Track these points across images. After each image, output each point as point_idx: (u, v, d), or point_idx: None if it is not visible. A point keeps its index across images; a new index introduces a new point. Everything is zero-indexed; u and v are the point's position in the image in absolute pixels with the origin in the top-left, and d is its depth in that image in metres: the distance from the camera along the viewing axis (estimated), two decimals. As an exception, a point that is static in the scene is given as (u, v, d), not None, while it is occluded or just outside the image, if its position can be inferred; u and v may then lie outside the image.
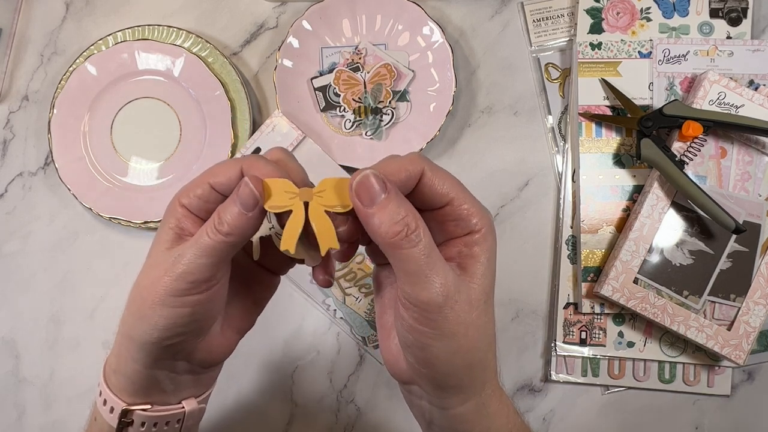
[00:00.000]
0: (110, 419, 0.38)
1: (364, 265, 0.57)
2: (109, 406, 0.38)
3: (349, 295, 0.57)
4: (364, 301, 0.57)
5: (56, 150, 0.58)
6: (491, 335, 0.34)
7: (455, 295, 0.31)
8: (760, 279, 0.54)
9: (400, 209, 0.30)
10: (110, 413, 0.38)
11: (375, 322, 0.39)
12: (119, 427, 0.38)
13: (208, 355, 0.38)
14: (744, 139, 0.56)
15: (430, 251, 0.31)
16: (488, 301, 0.33)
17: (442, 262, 0.31)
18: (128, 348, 0.36)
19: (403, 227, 0.30)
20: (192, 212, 0.35)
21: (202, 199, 0.34)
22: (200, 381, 0.40)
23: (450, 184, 0.33)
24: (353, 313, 0.57)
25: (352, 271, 0.57)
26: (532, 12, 0.61)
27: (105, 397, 0.38)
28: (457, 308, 0.31)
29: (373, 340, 0.58)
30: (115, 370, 0.38)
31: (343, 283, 0.57)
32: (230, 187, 0.33)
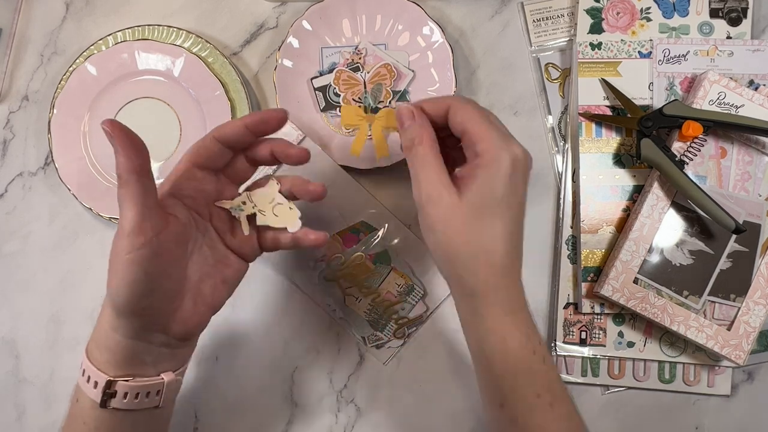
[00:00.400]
0: (94, 394, 0.41)
1: (364, 266, 0.57)
2: (93, 381, 0.41)
3: (349, 295, 0.57)
4: (364, 301, 0.57)
5: (56, 150, 0.58)
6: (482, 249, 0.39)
7: (437, 198, 0.39)
8: (760, 279, 0.54)
9: (415, 130, 0.41)
10: (94, 388, 0.41)
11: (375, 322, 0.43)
12: (103, 399, 0.40)
13: (183, 327, 0.42)
14: (744, 139, 0.56)
15: (425, 161, 0.40)
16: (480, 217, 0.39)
17: (436, 172, 0.40)
18: (108, 318, 0.40)
19: (411, 142, 0.41)
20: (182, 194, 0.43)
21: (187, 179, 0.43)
22: (176, 355, 0.44)
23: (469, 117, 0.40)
24: (353, 313, 0.57)
25: (353, 271, 0.57)
26: (532, 12, 0.61)
27: (89, 373, 0.41)
28: (438, 210, 0.39)
29: (373, 340, 0.58)
30: (98, 345, 0.41)
31: (343, 283, 0.57)
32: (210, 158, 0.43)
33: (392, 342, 0.58)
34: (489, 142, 0.39)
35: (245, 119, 0.43)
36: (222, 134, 0.42)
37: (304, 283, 0.58)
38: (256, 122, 0.43)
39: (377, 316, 0.57)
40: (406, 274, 0.57)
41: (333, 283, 0.57)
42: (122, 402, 0.41)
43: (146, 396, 0.42)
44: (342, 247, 0.57)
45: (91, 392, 0.41)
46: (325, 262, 0.57)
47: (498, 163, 0.39)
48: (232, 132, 0.43)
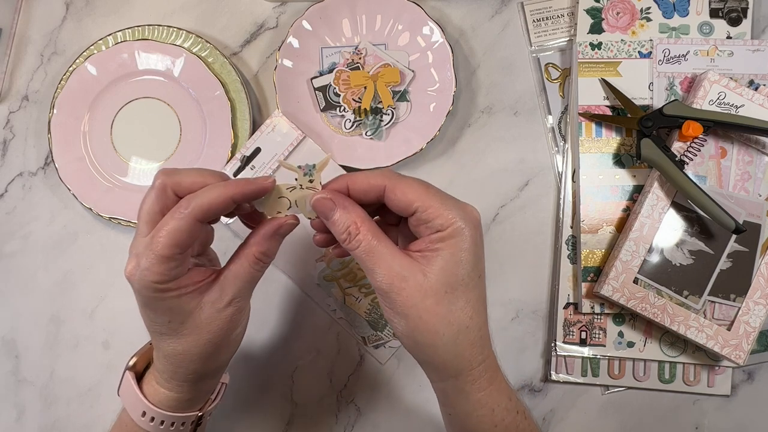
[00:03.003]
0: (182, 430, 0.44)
1: None
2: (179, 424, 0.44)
3: (349, 295, 0.57)
4: (364, 301, 0.57)
5: (56, 150, 0.58)
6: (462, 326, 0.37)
7: (400, 282, 0.36)
8: (760, 279, 0.54)
9: (346, 219, 0.37)
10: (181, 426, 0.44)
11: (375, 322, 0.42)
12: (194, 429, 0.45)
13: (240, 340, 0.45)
14: (744, 139, 0.56)
15: (371, 249, 0.37)
16: (452, 293, 0.37)
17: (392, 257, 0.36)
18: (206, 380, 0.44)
19: (347, 234, 0.37)
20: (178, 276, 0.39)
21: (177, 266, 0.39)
22: None
23: (414, 193, 0.37)
24: (353, 313, 0.57)
25: (353, 271, 0.57)
26: (532, 12, 0.61)
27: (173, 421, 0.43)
28: (404, 294, 0.36)
29: (373, 340, 0.58)
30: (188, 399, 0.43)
31: (343, 283, 0.57)
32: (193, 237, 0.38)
33: (392, 342, 0.58)
34: (447, 217, 0.36)
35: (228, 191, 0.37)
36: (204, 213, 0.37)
37: (304, 282, 0.58)
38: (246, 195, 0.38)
39: (377, 316, 0.57)
40: None
41: (333, 283, 0.57)
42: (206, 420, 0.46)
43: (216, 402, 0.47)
44: None
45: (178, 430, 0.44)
46: (325, 262, 0.57)
47: (461, 236, 0.36)
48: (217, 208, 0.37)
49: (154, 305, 0.38)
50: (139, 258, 0.37)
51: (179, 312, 0.38)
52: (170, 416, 0.42)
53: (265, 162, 0.57)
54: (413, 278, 0.36)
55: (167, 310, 0.38)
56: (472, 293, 0.37)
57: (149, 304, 0.38)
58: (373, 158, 0.58)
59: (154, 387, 0.43)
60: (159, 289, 0.37)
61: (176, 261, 0.37)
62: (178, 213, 0.36)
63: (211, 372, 0.43)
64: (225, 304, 0.39)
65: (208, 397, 0.46)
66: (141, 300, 0.38)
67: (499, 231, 0.59)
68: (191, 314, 0.39)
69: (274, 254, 0.40)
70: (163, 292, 0.37)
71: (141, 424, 0.43)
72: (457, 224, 0.36)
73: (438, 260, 0.36)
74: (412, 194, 0.37)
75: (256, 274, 0.40)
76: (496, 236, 0.59)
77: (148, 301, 0.38)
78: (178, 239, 0.36)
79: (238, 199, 0.38)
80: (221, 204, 0.37)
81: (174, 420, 0.43)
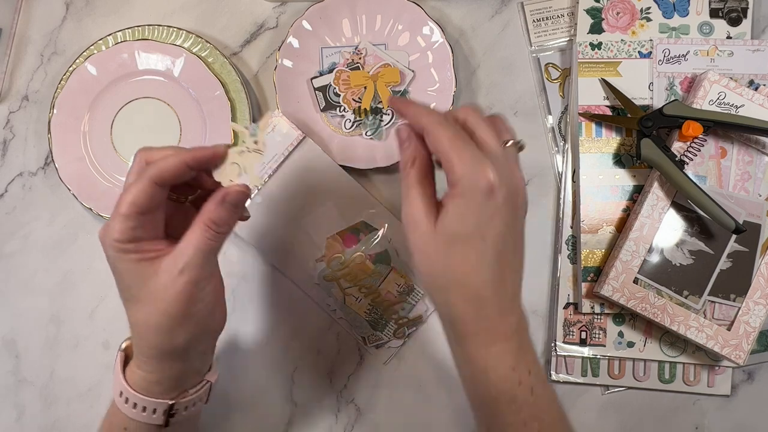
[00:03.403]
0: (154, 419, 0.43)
1: (364, 266, 0.57)
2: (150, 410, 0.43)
3: (349, 295, 0.57)
4: (364, 301, 0.57)
5: (56, 150, 0.58)
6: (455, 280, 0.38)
7: (415, 224, 0.39)
8: (760, 279, 0.54)
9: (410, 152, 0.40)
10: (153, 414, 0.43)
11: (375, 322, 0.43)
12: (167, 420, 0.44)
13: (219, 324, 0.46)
14: (744, 139, 0.56)
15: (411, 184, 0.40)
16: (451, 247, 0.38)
17: (420, 196, 0.39)
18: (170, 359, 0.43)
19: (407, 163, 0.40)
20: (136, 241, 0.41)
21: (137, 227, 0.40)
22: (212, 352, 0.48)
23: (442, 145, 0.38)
24: (353, 313, 0.57)
25: (353, 271, 0.57)
26: (532, 12, 0.61)
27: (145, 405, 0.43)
28: (416, 235, 0.39)
29: (374, 340, 0.58)
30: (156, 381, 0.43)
31: (343, 283, 0.57)
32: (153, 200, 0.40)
33: (392, 342, 0.58)
34: (460, 171, 0.37)
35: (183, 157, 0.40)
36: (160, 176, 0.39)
37: (304, 283, 0.58)
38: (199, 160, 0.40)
39: (377, 316, 0.57)
40: (407, 274, 0.57)
41: (333, 283, 0.57)
42: (182, 415, 0.44)
43: (199, 401, 0.46)
44: (342, 247, 0.57)
45: (150, 419, 0.43)
46: (325, 262, 0.57)
47: (468, 194, 0.37)
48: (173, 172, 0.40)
49: (117, 266, 0.40)
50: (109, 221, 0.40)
51: (138, 276, 0.40)
52: (141, 399, 0.43)
53: (266, 161, 0.57)
54: (424, 224, 0.39)
55: (128, 273, 0.40)
56: (472, 251, 0.38)
57: (113, 265, 0.41)
58: (373, 158, 0.58)
59: (132, 368, 0.44)
60: (119, 249, 0.40)
61: (135, 221, 0.39)
62: (139, 177, 0.40)
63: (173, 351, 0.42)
64: (178, 271, 0.40)
65: (182, 388, 0.44)
66: (109, 262, 0.41)
67: (499, 231, 0.59)
68: (148, 280, 0.40)
69: (226, 223, 0.41)
70: (124, 253, 0.40)
71: (119, 404, 0.43)
72: (466, 184, 0.37)
73: (444, 215, 0.38)
74: (440, 145, 0.38)
75: (209, 243, 0.40)
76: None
77: (112, 262, 0.41)
78: (136, 199, 0.39)
79: (191, 164, 0.40)
80: (176, 168, 0.39)
81: (146, 404, 0.43)
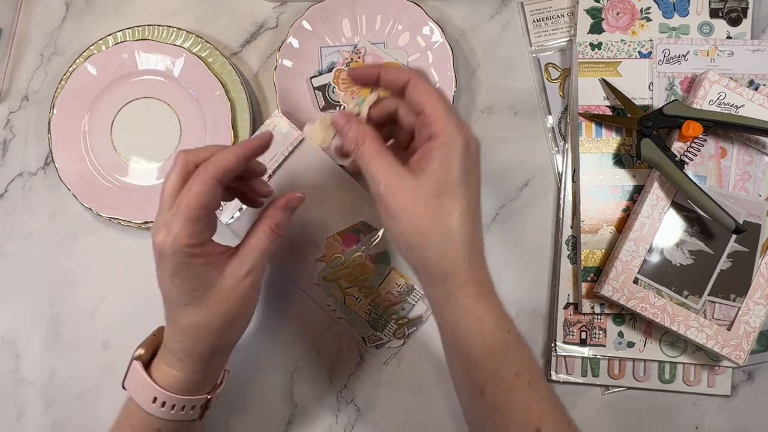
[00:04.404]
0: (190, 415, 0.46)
1: (364, 266, 0.57)
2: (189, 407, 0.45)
3: (349, 295, 0.57)
4: (364, 301, 0.57)
5: (56, 150, 0.58)
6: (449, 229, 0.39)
7: (394, 186, 0.39)
8: (760, 279, 0.54)
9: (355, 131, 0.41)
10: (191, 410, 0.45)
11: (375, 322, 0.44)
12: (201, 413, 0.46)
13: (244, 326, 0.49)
14: (744, 139, 0.56)
15: (374, 156, 0.40)
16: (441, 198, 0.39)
17: (388, 163, 0.40)
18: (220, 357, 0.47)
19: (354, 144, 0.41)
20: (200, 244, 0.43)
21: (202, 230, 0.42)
22: None
23: (428, 96, 0.40)
24: (353, 313, 0.57)
25: (353, 272, 0.57)
26: (532, 12, 0.61)
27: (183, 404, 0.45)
28: (398, 197, 0.39)
29: (374, 340, 0.58)
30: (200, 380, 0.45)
31: (343, 283, 0.57)
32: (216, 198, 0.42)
33: (392, 342, 0.58)
34: (445, 124, 0.39)
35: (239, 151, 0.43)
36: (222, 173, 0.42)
37: (304, 282, 0.58)
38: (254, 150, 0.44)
39: (377, 316, 0.57)
40: (407, 274, 0.57)
41: (333, 283, 0.57)
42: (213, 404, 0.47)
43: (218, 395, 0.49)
44: (342, 247, 0.57)
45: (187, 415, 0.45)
46: (325, 262, 0.57)
47: (453, 144, 0.39)
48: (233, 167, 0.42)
49: (183, 272, 0.41)
50: (169, 226, 0.40)
51: (204, 280, 0.42)
52: (182, 399, 0.44)
53: (266, 161, 0.57)
54: (406, 183, 0.39)
55: (194, 277, 0.41)
56: (461, 200, 0.40)
57: (178, 271, 0.41)
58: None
59: (165, 371, 0.44)
60: (189, 254, 0.40)
61: (203, 223, 0.41)
62: (199, 178, 0.41)
63: (224, 347, 0.46)
64: (244, 273, 0.42)
65: (215, 381, 0.47)
66: (171, 268, 0.41)
67: (499, 231, 0.59)
68: (214, 283, 0.42)
69: (285, 227, 0.45)
70: (193, 257, 0.41)
71: (151, 410, 0.44)
72: (450, 134, 0.39)
73: (429, 166, 0.39)
74: (426, 96, 0.40)
75: (270, 246, 0.44)
76: (496, 236, 0.59)
77: (177, 269, 0.41)
78: (203, 201, 0.40)
79: (248, 155, 0.43)
80: (235, 163, 0.42)
81: (185, 403, 0.44)
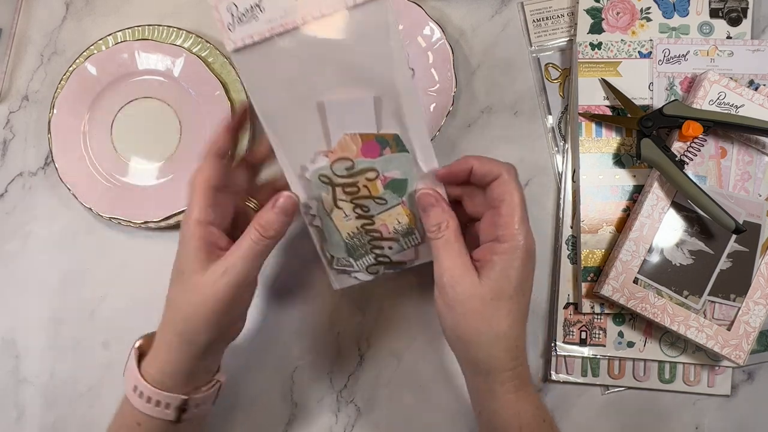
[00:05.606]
0: (167, 414, 0.44)
1: (373, 185, 0.46)
2: (164, 404, 0.44)
3: (339, 208, 0.47)
4: (353, 222, 0.48)
5: (56, 150, 0.58)
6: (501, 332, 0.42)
7: (459, 279, 0.41)
8: (760, 279, 0.54)
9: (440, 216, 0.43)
10: (166, 409, 0.44)
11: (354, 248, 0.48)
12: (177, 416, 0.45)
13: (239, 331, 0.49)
14: (744, 139, 0.56)
15: (449, 246, 0.42)
16: (497, 302, 0.41)
17: (459, 255, 0.42)
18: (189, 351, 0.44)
19: (437, 227, 0.43)
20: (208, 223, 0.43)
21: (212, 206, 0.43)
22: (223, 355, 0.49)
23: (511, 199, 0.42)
24: (333, 229, 0.48)
25: (357, 185, 0.46)
26: (532, 12, 0.61)
27: (159, 399, 0.44)
28: (458, 290, 0.41)
29: (341, 264, 0.50)
30: (170, 373, 0.44)
31: (340, 193, 0.47)
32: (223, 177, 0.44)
33: (360, 274, 0.50)
34: (515, 232, 0.41)
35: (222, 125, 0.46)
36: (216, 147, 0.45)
37: (292, 169, 0.46)
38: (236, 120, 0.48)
39: (358, 243, 0.49)
40: (414, 215, 0.47)
41: (327, 187, 0.46)
42: (193, 412, 0.46)
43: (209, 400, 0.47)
44: (358, 152, 0.45)
45: (163, 414, 0.44)
46: (330, 160, 0.45)
47: (516, 254, 0.41)
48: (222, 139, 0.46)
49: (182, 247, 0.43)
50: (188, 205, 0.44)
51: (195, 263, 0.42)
52: (156, 393, 0.44)
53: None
54: (469, 278, 0.41)
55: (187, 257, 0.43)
56: (515, 306, 0.42)
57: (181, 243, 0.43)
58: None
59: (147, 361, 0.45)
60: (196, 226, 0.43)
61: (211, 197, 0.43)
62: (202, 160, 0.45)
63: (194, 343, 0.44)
64: (221, 272, 0.42)
65: (194, 385, 0.46)
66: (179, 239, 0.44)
67: (499, 231, 0.59)
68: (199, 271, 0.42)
69: (273, 228, 0.43)
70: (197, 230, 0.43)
71: (132, 400, 0.44)
72: (516, 244, 0.41)
73: (491, 270, 0.41)
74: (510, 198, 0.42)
75: (254, 247, 0.42)
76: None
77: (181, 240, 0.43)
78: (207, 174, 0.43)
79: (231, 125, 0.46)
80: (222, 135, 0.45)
81: (160, 398, 0.44)
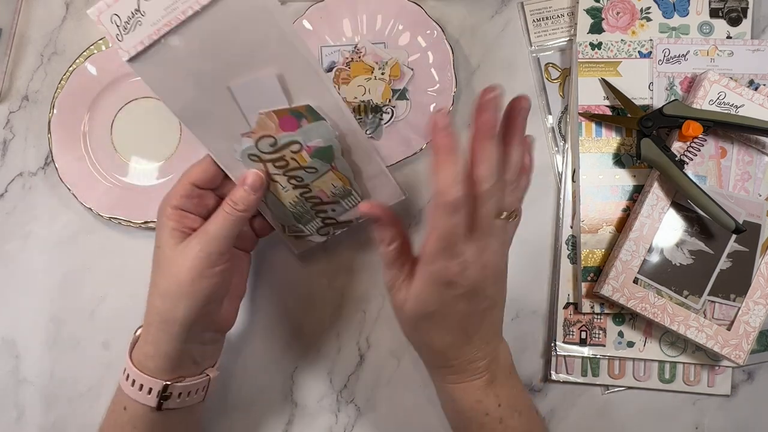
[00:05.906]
0: (148, 400, 0.45)
1: (299, 156, 0.48)
2: (146, 388, 0.45)
3: (275, 182, 0.49)
4: (291, 192, 0.50)
5: (56, 150, 0.58)
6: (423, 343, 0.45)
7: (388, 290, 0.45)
8: (760, 279, 0.54)
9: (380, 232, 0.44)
10: (148, 394, 0.45)
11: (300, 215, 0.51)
12: (159, 402, 0.45)
13: (227, 321, 0.50)
14: (744, 139, 0.56)
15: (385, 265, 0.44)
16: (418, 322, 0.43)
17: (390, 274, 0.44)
18: (167, 330, 0.44)
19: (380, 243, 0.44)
20: (184, 210, 0.46)
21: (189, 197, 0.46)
22: (216, 350, 0.51)
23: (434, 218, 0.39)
24: (276, 200, 0.50)
25: (285, 158, 0.48)
26: (532, 12, 0.61)
27: (141, 382, 0.45)
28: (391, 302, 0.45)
29: (294, 230, 0.53)
30: (152, 356, 0.45)
31: (271, 168, 0.48)
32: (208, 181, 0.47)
33: (314, 237, 0.54)
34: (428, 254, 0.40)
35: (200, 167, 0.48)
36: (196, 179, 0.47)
37: (223, 155, 0.48)
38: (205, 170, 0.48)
39: (303, 210, 0.51)
40: (347, 177, 0.49)
41: (259, 164, 0.48)
42: (176, 402, 0.46)
43: (195, 393, 0.47)
44: (277, 129, 0.46)
45: (145, 399, 0.45)
46: (254, 140, 0.47)
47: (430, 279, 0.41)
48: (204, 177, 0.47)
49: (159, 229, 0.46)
50: None
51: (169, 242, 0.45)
52: (138, 375, 0.45)
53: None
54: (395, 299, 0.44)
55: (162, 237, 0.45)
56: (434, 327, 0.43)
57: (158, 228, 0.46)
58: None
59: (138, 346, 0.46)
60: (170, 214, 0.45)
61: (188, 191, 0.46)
62: None
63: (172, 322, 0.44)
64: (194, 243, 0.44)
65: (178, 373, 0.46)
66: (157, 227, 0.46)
67: (499, 231, 0.59)
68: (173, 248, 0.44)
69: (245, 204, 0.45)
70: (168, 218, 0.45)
71: (121, 382, 0.46)
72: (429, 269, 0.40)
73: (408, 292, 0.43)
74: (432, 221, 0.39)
75: (226, 217, 0.45)
76: None
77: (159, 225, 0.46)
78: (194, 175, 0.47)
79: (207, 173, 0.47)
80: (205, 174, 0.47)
81: (142, 382, 0.44)
